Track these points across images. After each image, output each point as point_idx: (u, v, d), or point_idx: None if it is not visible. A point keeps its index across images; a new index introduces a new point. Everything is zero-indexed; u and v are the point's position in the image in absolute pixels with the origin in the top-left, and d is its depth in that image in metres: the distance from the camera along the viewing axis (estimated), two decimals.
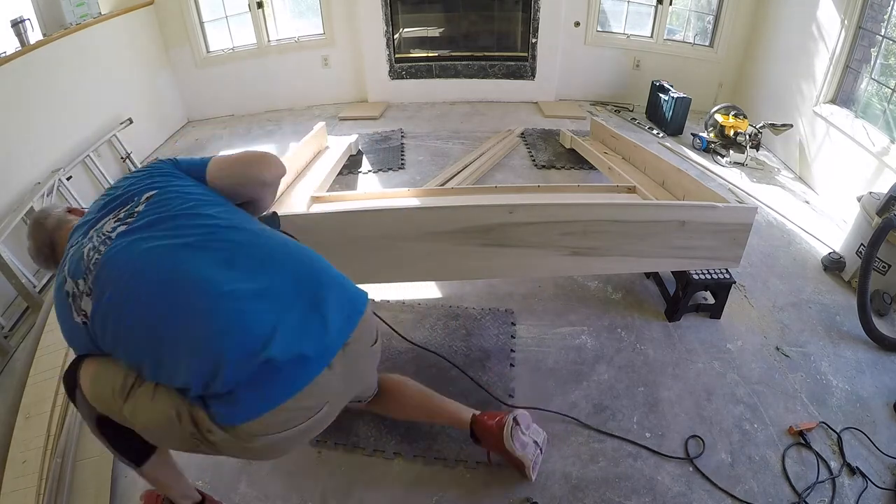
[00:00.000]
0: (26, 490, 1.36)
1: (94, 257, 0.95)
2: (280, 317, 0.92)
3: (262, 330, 0.90)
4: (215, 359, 0.87)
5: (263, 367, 0.88)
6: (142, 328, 0.91)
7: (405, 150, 3.45)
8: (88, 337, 0.96)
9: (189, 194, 1.06)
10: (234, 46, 4.14)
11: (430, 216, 1.69)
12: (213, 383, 0.87)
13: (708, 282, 1.89)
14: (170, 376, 0.91)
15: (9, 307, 2.20)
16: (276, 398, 0.91)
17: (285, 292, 0.95)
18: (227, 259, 0.96)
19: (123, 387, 0.97)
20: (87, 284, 0.94)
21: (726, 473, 1.44)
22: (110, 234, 0.98)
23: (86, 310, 0.94)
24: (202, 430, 0.92)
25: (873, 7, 2.69)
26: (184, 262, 0.94)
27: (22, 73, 2.57)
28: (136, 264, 0.94)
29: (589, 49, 4.19)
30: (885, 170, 2.44)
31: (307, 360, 0.93)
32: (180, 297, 0.91)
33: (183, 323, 0.90)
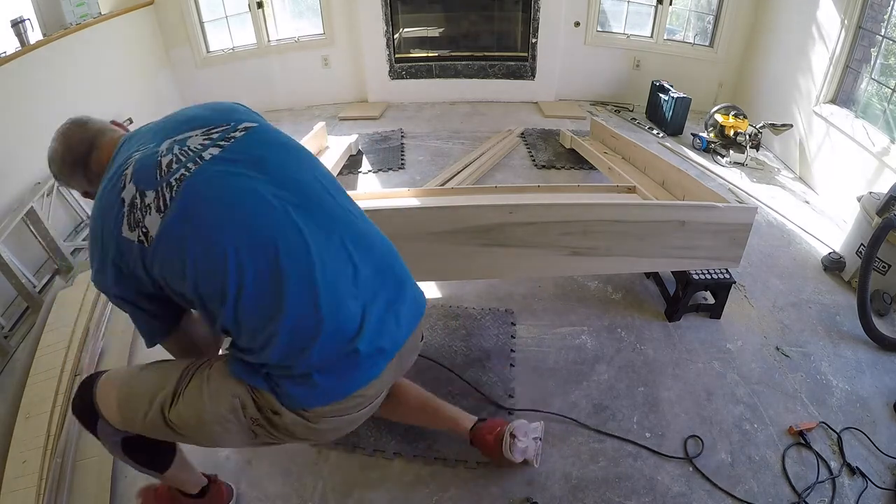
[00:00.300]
0: (26, 490, 1.36)
1: (177, 171, 0.84)
2: (366, 308, 0.91)
3: (353, 320, 0.89)
4: (311, 336, 0.85)
5: (348, 357, 0.89)
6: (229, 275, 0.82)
7: (405, 150, 3.45)
8: (139, 257, 0.84)
9: (289, 145, 0.99)
10: (234, 46, 4.14)
11: (430, 216, 1.69)
12: (295, 358, 0.86)
13: (708, 282, 1.89)
14: (248, 330, 0.86)
15: (9, 307, 2.20)
16: (352, 386, 0.92)
17: (371, 280, 0.94)
18: (327, 230, 0.91)
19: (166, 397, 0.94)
20: (162, 199, 0.83)
21: (726, 473, 1.44)
22: (201, 153, 0.87)
23: (149, 227, 0.83)
24: (266, 413, 0.91)
25: (873, 7, 2.69)
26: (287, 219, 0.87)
27: (22, 73, 2.57)
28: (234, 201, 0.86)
29: (589, 49, 4.19)
30: (885, 170, 2.44)
31: (383, 353, 0.94)
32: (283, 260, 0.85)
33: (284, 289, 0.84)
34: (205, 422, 0.93)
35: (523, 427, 1.41)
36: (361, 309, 0.90)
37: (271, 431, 0.94)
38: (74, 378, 1.67)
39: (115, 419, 0.99)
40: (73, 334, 1.85)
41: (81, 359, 1.74)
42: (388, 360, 0.96)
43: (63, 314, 1.97)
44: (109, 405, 0.99)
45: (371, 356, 0.92)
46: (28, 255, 2.36)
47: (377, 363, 0.94)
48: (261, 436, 0.96)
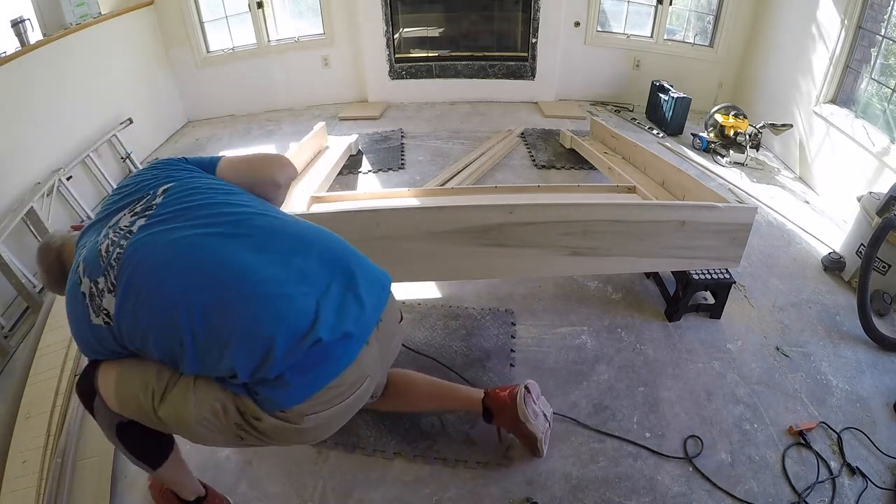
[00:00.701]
0: (26, 490, 1.36)
1: (114, 252, 0.92)
2: (319, 299, 0.93)
3: (307, 313, 0.90)
4: (266, 345, 0.87)
5: (312, 350, 0.89)
6: (179, 320, 0.88)
7: (405, 150, 3.45)
8: (111, 337, 0.93)
9: (208, 186, 1.05)
10: (234, 46, 4.14)
11: (430, 216, 1.69)
12: (262, 369, 0.87)
13: (708, 282, 1.89)
14: (213, 366, 0.89)
15: (9, 307, 2.20)
16: (324, 378, 0.92)
17: (319, 274, 0.96)
18: (258, 245, 0.95)
19: (157, 389, 0.95)
20: (109, 281, 0.91)
21: (726, 473, 1.44)
22: (130, 228, 0.95)
23: (108, 308, 0.91)
24: (248, 419, 0.92)
25: (873, 7, 2.69)
26: (217, 249, 0.93)
27: (22, 73, 2.57)
28: (166, 255, 0.92)
29: (589, 49, 4.19)
30: (885, 170, 2.44)
31: (350, 338, 0.95)
32: (221, 286, 0.90)
33: (229, 311, 0.88)
34: (189, 422, 0.95)
35: (536, 388, 1.44)
36: (315, 302, 0.92)
37: (257, 436, 0.95)
38: (74, 378, 1.67)
39: (112, 400, 1.02)
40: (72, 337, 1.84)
41: (81, 359, 1.74)
42: (359, 343, 0.97)
43: (63, 314, 1.97)
44: (108, 385, 1.02)
45: (337, 343, 0.93)
46: (28, 255, 2.36)
47: (348, 348, 0.95)
48: (247, 439, 0.97)
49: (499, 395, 1.42)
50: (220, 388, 0.92)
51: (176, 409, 0.95)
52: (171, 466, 1.17)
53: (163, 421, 0.97)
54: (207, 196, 1.02)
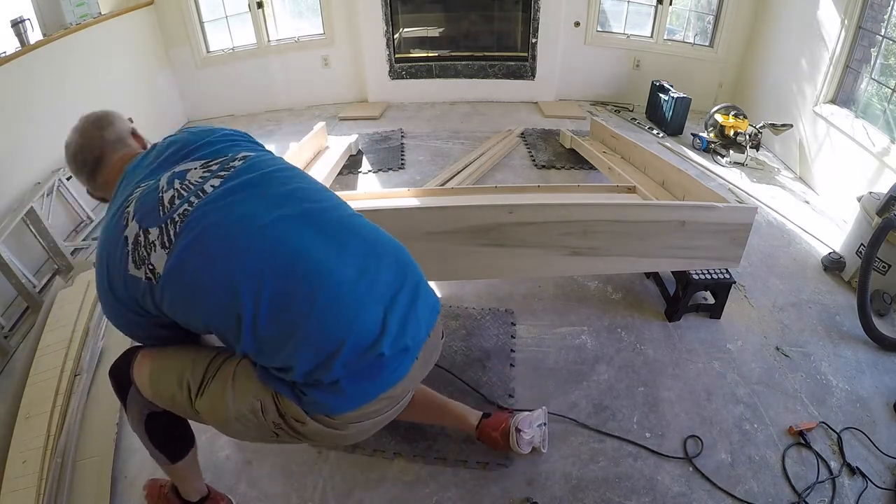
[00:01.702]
0: (26, 490, 1.36)
1: (180, 207, 0.85)
2: (387, 311, 0.91)
3: (375, 323, 0.89)
4: (332, 348, 0.85)
5: (374, 361, 0.88)
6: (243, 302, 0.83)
7: (405, 150, 3.45)
8: (147, 294, 0.86)
9: (288, 168, 1.00)
10: (234, 46, 4.14)
11: (430, 216, 1.69)
12: (321, 372, 0.85)
13: (708, 282, 1.89)
14: (271, 355, 0.86)
15: (9, 307, 2.20)
16: (378, 389, 0.92)
17: (389, 284, 0.94)
18: (335, 241, 0.91)
19: (192, 382, 0.94)
20: (166, 236, 0.84)
21: (726, 473, 1.44)
22: (202, 186, 0.88)
23: (155, 264, 0.84)
24: (289, 420, 0.90)
25: (873, 7, 2.69)
26: (295, 238, 0.88)
27: (22, 73, 2.57)
28: (238, 229, 0.86)
29: (589, 49, 4.19)
30: (885, 170, 2.44)
31: (407, 352, 0.94)
32: (296, 277, 0.85)
33: (300, 305, 0.85)
34: (227, 417, 0.93)
35: (527, 419, 1.43)
36: (382, 313, 0.90)
37: (294, 436, 0.94)
38: (74, 378, 1.67)
39: (147, 390, 1.01)
40: (73, 334, 1.85)
41: (81, 359, 1.74)
42: (412, 359, 0.96)
43: (63, 314, 1.97)
44: (143, 375, 1.00)
45: (396, 357, 0.91)
46: (28, 255, 2.36)
47: (403, 363, 0.94)
48: (283, 437, 0.96)
49: (491, 435, 1.41)
50: (262, 385, 0.90)
51: (214, 402, 0.93)
52: (188, 462, 1.18)
53: (199, 414, 0.96)
54: (289, 178, 0.97)
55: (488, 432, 1.42)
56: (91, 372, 1.72)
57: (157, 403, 1.02)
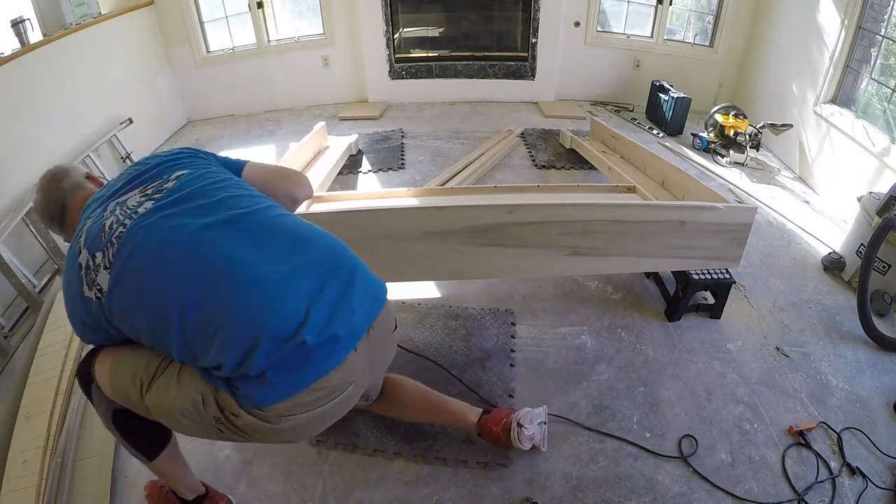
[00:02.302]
0: (26, 490, 1.36)
1: (117, 230, 0.93)
2: (312, 299, 0.93)
3: (298, 313, 0.91)
4: (253, 340, 0.87)
5: (296, 350, 0.90)
6: (171, 307, 0.88)
7: (405, 150, 3.45)
8: (100, 312, 0.94)
9: (221, 181, 1.06)
10: (234, 46, 4.14)
11: (430, 216, 1.69)
12: (245, 364, 0.87)
13: (708, 282, 1.89)
14: (201, 356, 0.89)
15: (9, 307, 2.20)
16: (305, 380, 0.92)
17: (315, 275, 0.96)
18: (258, 241, 0.96)
19: (145, 378, 0.97)
20: (107, 258, 0.92)
21: (726, 473, 1.44)
22: (136, 209, 0.96)
23: (101, 284, 0.92)
24: (227, 414, 0.92)
25: (873, 7, 2.69)
26: (216, 242, 0.93)
27: (22, 73, 2.57)
28: (165, 241, 0.92)
29: (589, 49, 4.19)
30: (885, 170, 2.44)
31: (338, 342, 0.95)
32: (216, 277, 0.90)
33: (220, 304, 0.89)
34: (171, 411, 0.97)
35: (528, 415, 1.44)
36: (306, 303, 0.92)
37: (235, 431, 0.96)
38: (74, 378, 1.67)
39: (106, 388, 1.04)
40: (72, 334, 1.85)
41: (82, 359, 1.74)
42: (346, 348, 0.97)
43: (63, 314, 1.97)
44: (103, 373, 1.04)
45: (323, 346, 0.92)
46: (28, 255, 2.36)
47: (333, 352, 0.95)
48: (226, 433, 0.97)
49: (492, 430, 1.42)
50: (203, 380, 0.93)
51: (160, 396, 0.97)
52: (168, 460, 1.18)
53: (149, 409, 0.99)
54: (218, 189, 1.02)
55: (489, 427, 1.42)
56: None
57: (116, 401, 1.05)
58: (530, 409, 1.47)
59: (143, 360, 0.99)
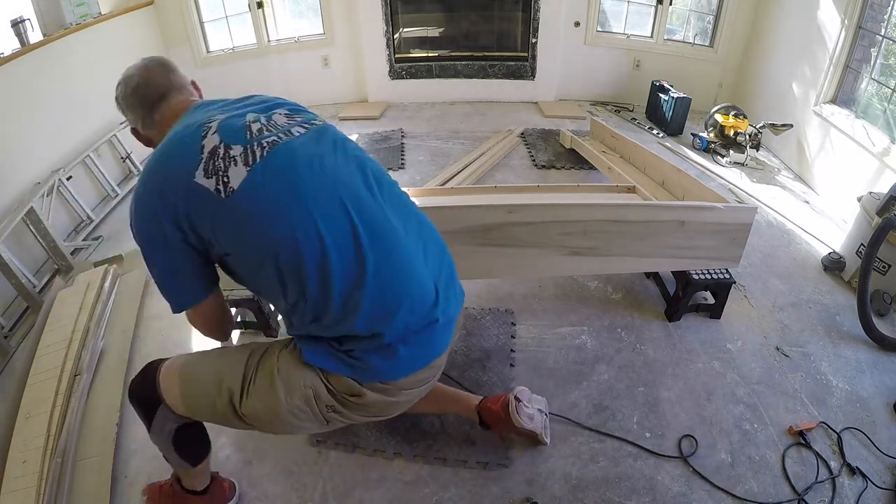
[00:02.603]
0: (26, 490, 1.36)
1: (270, 136, 0.87)
2: (437, 282, 0.98)
3: (431, 290, 0.95)
4: (395, 304, 0.89)
5: (428, 326, 0.94)
6: (313, 245, 0.83)
7: (405, 150, 3.45)
8: (207, 205, 0.81)
9: (356, 146, 1.04)
10: (234, 46, 4.14)
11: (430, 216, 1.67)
12: (382, 328, 0.88)
13: (708, 282, 1.89)
14: (337, 299, 0.86)
15: (9, 307, 2.20)
16: (430, 356, 0.98)
17: (435, 259, 1.01)
18: (399, 212, 0.98)
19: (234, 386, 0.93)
20: (252, 155, 0.84)
21: (726, 473, 1.44)
22: (289, 128, 0.91)
23: (232, 178, 0.81)
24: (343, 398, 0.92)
25: (873, 7, 2.69)
26: (373, 202, 0.93)
27: (22, 73, 2.57)
28: (332, 177, 0.89)
29: (589, 49, 4.19)
30: (885, 170, 2.44)
31: (451, 324, 1.01)
32: (374, 236, 0.89)
33: (372, 261, 0.87)
34: (278, 414, 0.93)
35: (525, 393, 1.45)
36: (433, 282, 0.97)
37: (346, 414, 0.97)
38: (74, 378, 1.67)
39: (180, 407, 0.98)
40: (73, 334, 1.85)
41: (81, 359, 1.74)
42: (451, 332, 1.04)
43: (63, 314, 1.97)
44: (173, 391, 0.98)
45: (444, 326, 0.98)
46: (28, 255, 2.36)
47: (448, 333, 1.01)
48: (333, 421, 0.98)
49: (491, 408, 1.42)
50: (309, 370, 0.91)
51: (264, 402, 0.92)
52: (206, 463, 1.19)
53: (246, 418, 0.94)
54: (356, 147, 1.03)
55: (488, 406, 1.42)
56: (91, 372, 1.72)
57: (193, 418, 1.01)
58: (528, 389, 1.48)
59: (224, 366, 0.95)
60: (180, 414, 1.00)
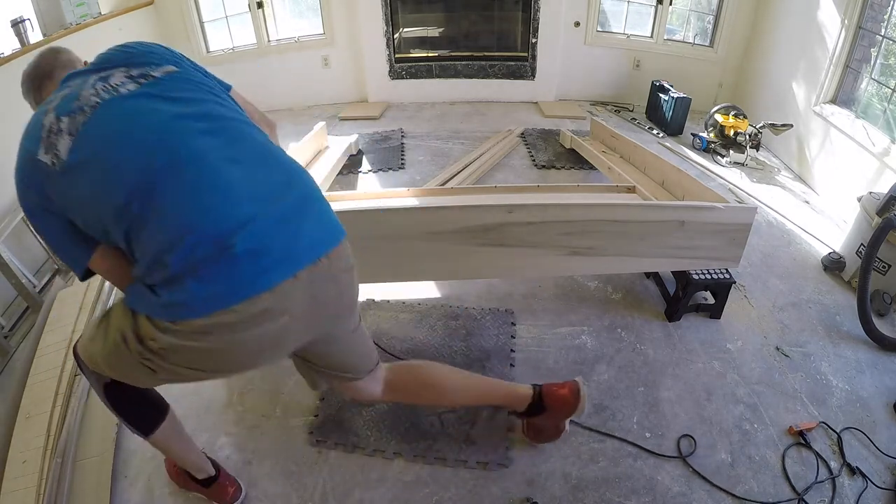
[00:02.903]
0: (26, 490, 1.36)
1: (92, 100, 0.88)
2: (259, 212, 0.87)
3: (239, 219, 0.85)
4: (182, 230, 0.83)
5: (222, 256, 0.83)
6: (123, 183, 0.84)
7: (405, 150, 3.45)
8: (47, 177, 0.87)
9: (209, 89, 1.02)
10: (234, 46, 4.14)
11: (430, 216, 1.69)
12: (169, 257, 0.82)
13: (708, 282, 1.89)
14: (136, 240, 0.85)
15: (9, 307, 2.20)
16: (230, 297, 0.85)
17: (273, 192, 0.91)
18: (229, 142, 0.92)
19: (94, 334, 0.97)
20: (75, 124, 0.86)
21: (726, 473, 1.44)
22: (118, 88, 0.91)
23: (60, 150, 0.86)
24: (146, 342, 0.89)
25: (873, 7, 2.69)
26: (185, 134, 0.89)
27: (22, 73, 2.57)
28: (135, 120, 0.88)
29: (589, 49, 4.19)
30: (885, 170, 2.44)
31: (274, 262, 0.87)
32: (178, 166, 0.85)
33: (168, 187, 0.84)
34: (109, 360, 0.97)
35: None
36: (253, 213, 0.87)
37: (162, 364, 0.91)
38: (74, 378, 1.67)
39: (86, 356, 1.04)
40: (73, 334, 1.85)
41: None
42: (283, 272, 0.88)
43: (63, 314, 1.97)
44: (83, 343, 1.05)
45: (254, 261, 0.85)
46: (28, 255, 2.36)
47: (265, 271, 0.87)
48: (159, 372, 0.94)
49: (558, 392, 1.41)
50: (125, 312, 0.91)
51: (97, 346, 0.97)
52: (166, 436, 1.19)
53: (102, 368, 0.99)
54: (204, 91, 0.99)
55: (554, 391, 1.41)
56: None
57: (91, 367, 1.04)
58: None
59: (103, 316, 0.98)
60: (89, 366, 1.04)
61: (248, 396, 1.67)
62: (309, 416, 1.59)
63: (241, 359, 0.97)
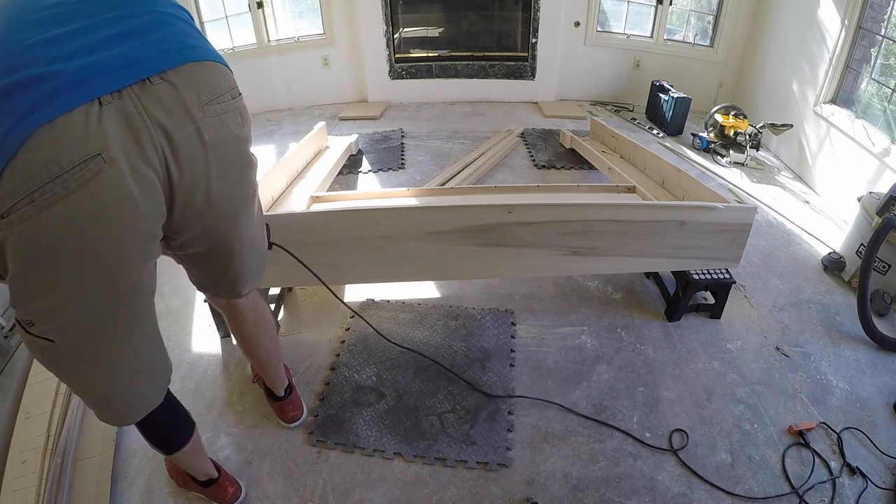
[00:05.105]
0: (26, 490, 1.36)
1: None
2: (62, 32, 0.68)
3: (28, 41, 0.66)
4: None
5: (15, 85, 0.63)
6: None
7: (405, 150, 3.45)
8: None
9: None
10: (234, 46, 4.14)
11: (430, 216, 1.69)
12: None
13: (708, 282, 1.89)
14: None
15: (9, 307, 2.20)
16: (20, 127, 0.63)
17: (89, 15, 0.71)
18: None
19: None
20: None
21: (726, 473, 1.44)
22: None
23: None
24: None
25: (873, 7, 2.69)
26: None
27: None
28: None
29: (589, 49, 4.19)
30: (885, 170, 2.44)
31: (60, 84, 0.65)
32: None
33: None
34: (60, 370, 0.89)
35: None
36: (48, 38, 0.67)
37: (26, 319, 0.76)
38: None
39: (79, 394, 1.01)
40: None
41: None
42: (77, 96, 0.66)
43: None
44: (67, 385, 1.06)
45: (29, 84, 0.64)
46: None
47: (45, 94, 0.64)
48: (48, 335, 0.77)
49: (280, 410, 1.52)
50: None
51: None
52: (185, 455, 1.19)
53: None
54: None
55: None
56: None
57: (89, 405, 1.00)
58: None
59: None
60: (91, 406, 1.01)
61: (248, 396, 1.67)
62: (309, 415, 1.59)
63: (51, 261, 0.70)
